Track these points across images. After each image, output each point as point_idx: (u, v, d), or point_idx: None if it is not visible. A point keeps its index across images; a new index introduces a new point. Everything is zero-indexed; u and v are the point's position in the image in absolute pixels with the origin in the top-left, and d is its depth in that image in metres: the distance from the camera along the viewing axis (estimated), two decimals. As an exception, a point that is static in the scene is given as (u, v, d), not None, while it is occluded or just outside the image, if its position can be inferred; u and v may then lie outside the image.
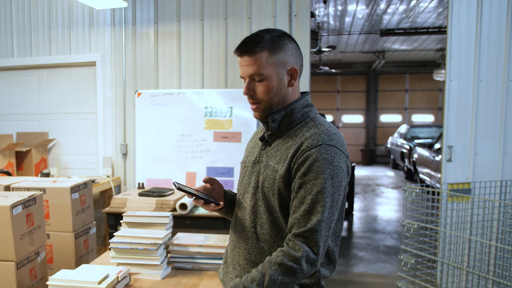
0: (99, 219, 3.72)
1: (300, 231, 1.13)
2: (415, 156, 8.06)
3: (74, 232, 2.22)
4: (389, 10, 6.97)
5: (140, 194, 3.08)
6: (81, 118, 4.01)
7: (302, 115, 1.27)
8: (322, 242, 1.13)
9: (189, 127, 3.55)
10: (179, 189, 1.22)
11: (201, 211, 2.94)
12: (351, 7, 6.80)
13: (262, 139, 1.33)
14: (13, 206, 1.70)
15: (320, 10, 6.86)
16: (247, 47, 1.22)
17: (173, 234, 1.97)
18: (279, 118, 1.26)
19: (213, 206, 1.29)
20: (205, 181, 1.32)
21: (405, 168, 9.40)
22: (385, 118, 13.90)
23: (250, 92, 1.25)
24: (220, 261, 1.85)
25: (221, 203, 1.29)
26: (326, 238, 1.14)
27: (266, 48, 1.22)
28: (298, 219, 1.15)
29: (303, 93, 1.33)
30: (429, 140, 8.80)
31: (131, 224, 1.87)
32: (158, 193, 3.06)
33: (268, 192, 1.23)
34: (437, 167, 6.37)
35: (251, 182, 1.30)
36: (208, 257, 1.86)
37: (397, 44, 9.89)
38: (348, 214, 6.17)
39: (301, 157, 1.18)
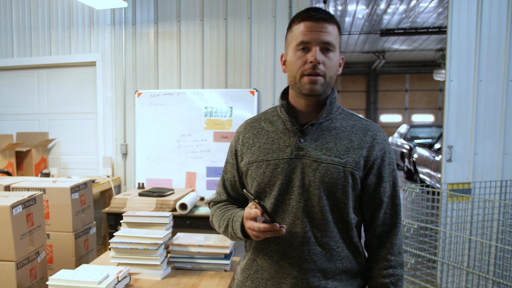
0: (99, 219, 3.72)
1: (394, 230, 1.19)
2: (415, 156, 8.06)
3: (74, 232, 2.22)
4: (389, 10, 6.98)
5: (140, 194, 3.08)
6: (81, 118, 4.01)
7: (338, 106, 1.23)
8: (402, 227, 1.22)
9: (189, 127, 3.55)
10: (263, 208, 1.04)
11: (201, 211, 2.93)
12: (351, 7, 6.80)
13: (299, 130, 1.17)
14: (13, 206, 1.70)
15: (320, 10, 6.85)
16: (325, 14, 1.13)
17: (173, 234, 1.97)
18: (329, 105, 1.19)
19: (283, 231, 1.05)
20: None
21: (405, 168, 9.40)
22: (385, 118, 13.91)
23: (319, 60, 1.10)
24: (220, 261, 1.85)
25: (284, 226, 1.07)
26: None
27: (338, 25, 1.17)
28: (387, 215, 1.19)
29: None
30: (429, 140, 8.80)
31: (131, 224, 1.87)
32: (158, 193, 3.07)
33: (331, 188, 1.11)
34: (437, 167, 6.37)
35: (292, 181, 1.14)
36: (208, 257, 1.86)
37: (397, 44, 9.90)
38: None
39: (379, 149, 1.17)
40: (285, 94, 1.25)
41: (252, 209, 1.08)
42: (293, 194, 1.13)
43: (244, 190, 1.08)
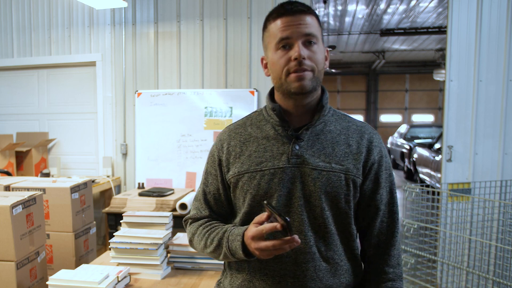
0: (99, 219, 3.72)
1: (392, 240, 1.11)
2: (415, 156, 8.06)
3: (74, 232, 2.22)
4: (389, 10, 6.98)
5: (140, 194, 3.08)
6: (81, 118, 4.01)
7: (330, 107, 1.14)
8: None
9: (189, 127, 3.55)
10: (277, 212, 0.89)
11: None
12: (351, 7, 6.81)
13: (293, 135, 1.07)
14: (13, 206, 1.70)
15: (320, 10, 6.87)
16: (302, 6, 1.04)
17: (173, 234, 1.96)
18: (326, 105, 1.10)
19: (296, 243, 0.90)
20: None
21: (405, 168, 9.40)
22: (385, 118, 13.91)
23: (304, 55, 1.00)
24: (220, 261, 1.85)
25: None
26: None
27: (315, 15, 1.07)
28: (384, 223, 1.11)
29: None
30: (429, 140, 8.80)
31: (131, 224, 1.87)
32: (158, 193, 3.07)
33: (334, 198, 1.03)
34: (437, 167, 6.37)
35: (291, 192, 1.04)
36: (208, 257, 1.86)
37: (397, 44, 9.90)
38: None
39: (377, 153, 1.09)
40: (271, 95, 1.14)
41: (261, 225, 0.94)
42: (293, 207, 1.04)
43: (265, 202, 0.92)
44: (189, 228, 1.21)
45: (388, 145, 11.27)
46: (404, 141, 9.66)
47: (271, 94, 1.15)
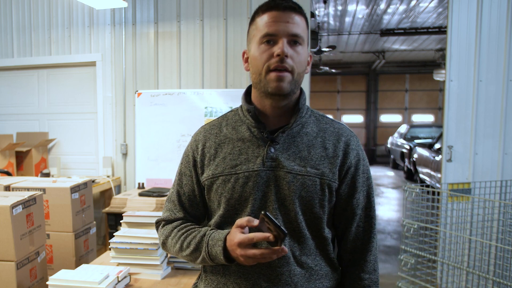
0: (99, 219, 3.72)
1: (368, 245, 1.09)
2: (415, 156, 8.06)
3: (74, 232, 2.22)
4: (389, 10, 6.97)
5: (140, 194, 3.08)
6: (81, 118, 4.01)
7: (307, 108, 1.13)
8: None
9: (189, 127, 3.55)
10: (275, 224, 0.87)
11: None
12: (351, 7, 6.80)
13: (269, 138, 1.05)
14: (13, 206, 1.70)
15: (320, 10, 6.87)
16: (292, 3, 1.02)
17: (173, 234, 1.96)
18: (303, 107, 1.08)
19: (284, 253, 0.90)
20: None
21: (405, 168, 9.40)
22: (385, 118, 13.90)
23: (287, 53, 0.98)
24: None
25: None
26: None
27: (305, 16, 1.05)
28: (360, 228, 1.09)
29: None
30: (429, 140, 8.80)
31: (131, 224, 1.87)
32: (158, 193, 3.07)
33: (308, 203, 1.02)
34: (437, 167, 6.37)
35: (266, 195, 1.03)
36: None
37: (397, 44, 9.89)
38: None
39: (354, 156, 1.07)
40: (247, 95, 1.12)
41: (243, 229, 0.94)
42: (268, 211, 1.02)
43: (263, 212, 0.88)
44: (162, 230, 1.17)
45: (388, 145, 11.27)
46: (404, 141, 9.66)
47: (247, 94, 1.12)
